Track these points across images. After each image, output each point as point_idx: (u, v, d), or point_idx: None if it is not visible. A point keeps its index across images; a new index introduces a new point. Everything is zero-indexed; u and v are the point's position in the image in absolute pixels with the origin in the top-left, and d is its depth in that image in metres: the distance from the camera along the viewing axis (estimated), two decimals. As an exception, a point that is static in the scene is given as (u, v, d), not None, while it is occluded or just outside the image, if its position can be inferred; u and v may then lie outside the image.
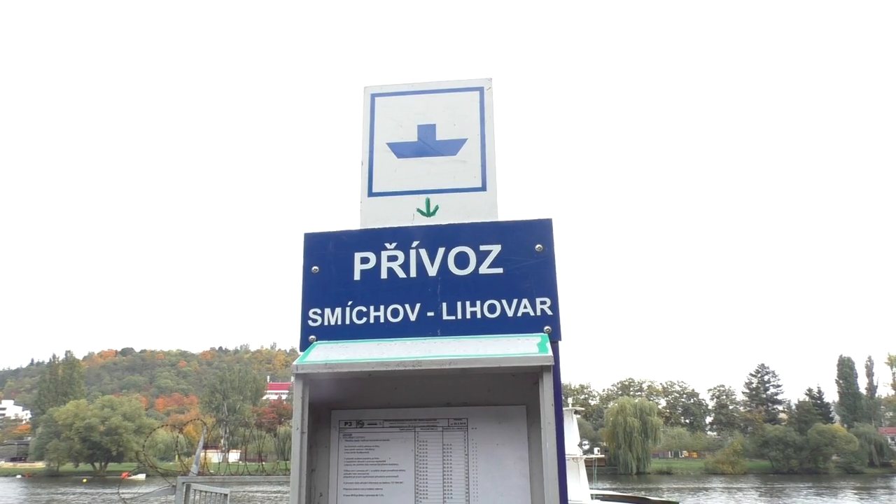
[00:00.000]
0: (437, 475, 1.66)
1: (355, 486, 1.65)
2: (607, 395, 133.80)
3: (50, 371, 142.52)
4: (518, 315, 1.88)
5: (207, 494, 7.98)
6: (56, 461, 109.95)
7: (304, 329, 1.95)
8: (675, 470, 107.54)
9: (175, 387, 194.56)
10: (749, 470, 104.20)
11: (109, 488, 66.15)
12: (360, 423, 1.73)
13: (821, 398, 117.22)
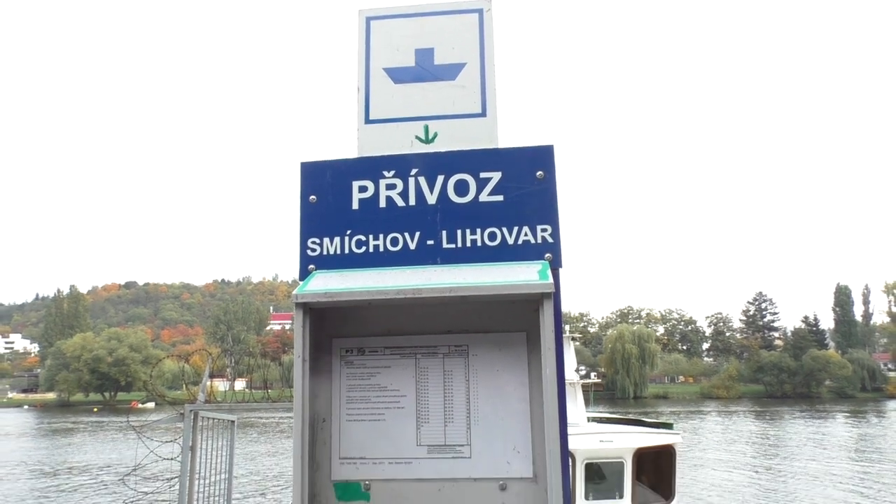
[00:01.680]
0: (438, 400, 1.68)
1: (357, 412, 1.67)
2: (606, 322, 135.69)
3: (55, 305, 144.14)
4: (518, 243, 1.87)
5: (215, 421, 8.16)
6: (66, 392, 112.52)
7: (303, 259, 1.94)
8: (671, 394, 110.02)
9: (179, 319, 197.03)
10: (743, 394, 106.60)
11: (120, 417, 67.89)
12: (360, 351, 1.74)
13: (816, 325, 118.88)
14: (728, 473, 31.89)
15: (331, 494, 1.62)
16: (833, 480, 29.59)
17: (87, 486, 31.57)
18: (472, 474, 1.61)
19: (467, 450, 1.63)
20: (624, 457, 10.44)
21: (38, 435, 61.26)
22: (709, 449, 41.12)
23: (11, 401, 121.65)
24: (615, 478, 10.50)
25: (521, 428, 1.64)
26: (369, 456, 1.64)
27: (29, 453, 45.93)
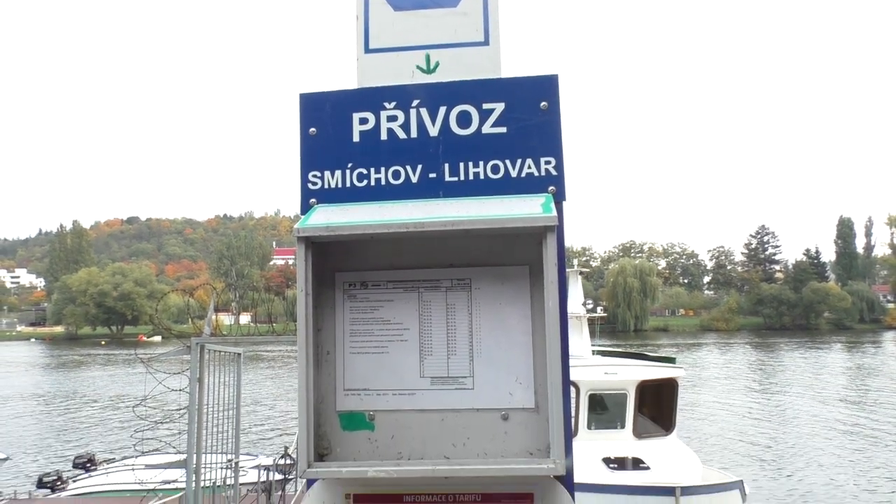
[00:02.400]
0: (441, 333, 1.68)
1: (361, 344, 1.68)
2: (608, 256, 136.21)
3: (59, 240, 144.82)
4: (522, 175, 1.84)
5: (221, 354, 8.27)
6: (74, 325, 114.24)
7: (304, 192, 1.92)
8: (672, 327, 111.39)
9: (183, 254, 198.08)
10: (742, 326, 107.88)
11: (127, 350, 69.05)
12: (363, 285, 1.73)
13: (818, 258, 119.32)
14: (725, 405, 32.58)
15: (336, 424, 1.65)
16: (829, 409, 30.22)
17: (98, 416, 32.39)
18: (474, 405, 1.63)
19: (470, 381, 1.64)
20: (627, 389, 10.64)
21: (49, 367, 62.44)
22: (708, 381, 41.88)
23: (21, 334, 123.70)
24: (618, 409, 10.73)
25: (523, 360, 1.65)
26: (373, 387, 1.65)
27: (41, 385, 46.96)
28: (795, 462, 20.64)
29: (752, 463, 20.63)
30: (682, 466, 9.80)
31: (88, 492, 15.67)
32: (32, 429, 29.52)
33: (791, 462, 20.70)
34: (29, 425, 30.42)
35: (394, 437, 1.65)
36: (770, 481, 18.45)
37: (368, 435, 1.66)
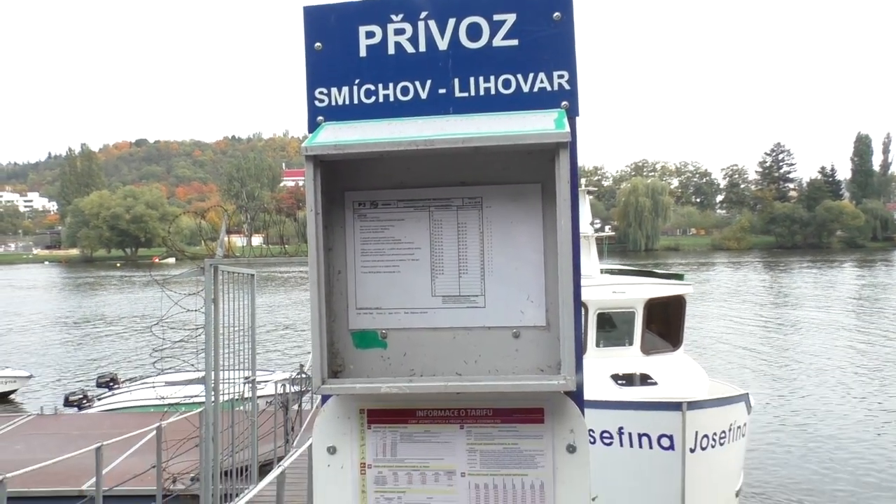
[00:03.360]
0: (452, 253, 1.67)
1: (372, 264, 1.68)
2: (620, 176, 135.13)
3: (69, 164, 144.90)
4: (534, 90, 1.78)
5: (235, 275, 8.36)
6: (89, 248, 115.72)
7: (310, 110, 1.88)
8: (682, 246, 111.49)
9: (193, 176, 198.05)
10: (754, 245, 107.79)
11: (142, 271, 70.07)
12: (373, 204, 1.71)
13: (833, 176, 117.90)
14: (734, 322, 32.92)
15: (349, 342, 1.66)
16: (838, 327, 30.49)
17: (117, 337, 33.18)
18: (485, 323, 1.64)
19: (481, 300, 1.64)
20: (635, 307, 10.73)
21: (67, 289, 63.58)
22: (717, 298, 42.19)
23: (37, 257, 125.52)
24: (626, 327, 10.86)
25: (534, 278, 1.64)
26: (385, 306, 1.66)
27: (60, 306, 47.96)
28: (802, 378, 21.00)
29: (758, 378, 21.01)
30: (689, 381, 9.99)
31: (113, 408, 16.23)
32: (54, 349, 30.33)
33: (797, 377, 21.07)
34: (51, 345, 31.25)
35: (406, 355, 1.67)
36: (776, 395, 18.84)
37: (381, 353, 1.68)
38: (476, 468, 1.60)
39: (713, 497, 8.71)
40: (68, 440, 12.23)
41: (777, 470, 12.86)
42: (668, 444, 8.03)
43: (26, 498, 9.00)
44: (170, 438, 7.96)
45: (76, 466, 9.19)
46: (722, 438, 8.35)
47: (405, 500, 1.62)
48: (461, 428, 1.62)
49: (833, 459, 13.33)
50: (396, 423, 1.64)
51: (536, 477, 1.59)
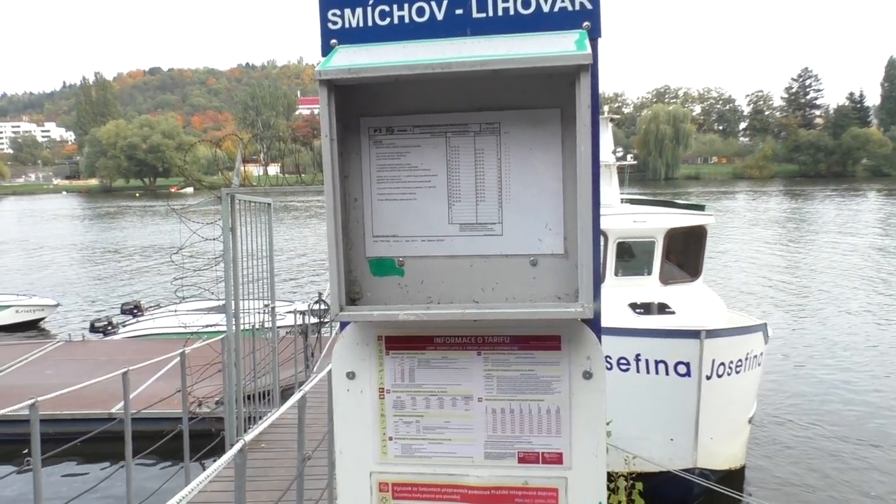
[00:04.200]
0: (469, 179, 1.64)
1: (389, 191, 1.65)
2: (641, 103, 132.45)
3: (83, 93, 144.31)
4: (554, 10, 1.71)
5: (252, 204, 8.38)
6: (108, 178, 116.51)
7: (323, 33, 1.82)
8: (703, 175, 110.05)
9: (208, 104, 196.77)
10: (776, 174, 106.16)
11: (160, 201, 70.61)
12: (389, 130, 1.68)
13: (861, 102, 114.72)
14: (754, 252, 32.74)
15: (366, 270, 1.66)
16: (859, 258, 30.23)
17: (138, 265, 33.71)
18: (503, 251, 1.62)
19: (499, 227, 1.62)
20: (655, 236, 10.67)
21: (88, 219, 64.33)
22: (737, 228, 41.87)
23: (57, 187, 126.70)
24: (645, 256, 10.82)
25: (553, 206, 1.62)
26: (401, 234, 1.65)
27: (82, 236, 48.64)
28: (821, 308, 20.97)
29: (777, 308, 21.03)
30: (707, 311, 10.01)
31: (138, 335, 16.64)
32: (78, 277, 30.92)
33: (817, 308, 21.04)
34: (75, 274, 31.85)
35: (423, 283, 1.67)
36: (794, 325, 18.88)
37: (398, 280, 1.67)
38: (493, 394, 1.62)
39: (727, 423, 8.85)
40: (96, 365, 12.61)
41: (791, 399, 13.01)
42: (684, 371, 8.12)
43: (59, 420, 9.35)
44: (193, 364, 8.17)
45: (105, 390, 9.49)
46: (738, 367, 8.43)
47: (423, 423, 1.65)
48: (478, 354, 1.63)
49: (850, 389, 13.43)
50: (414, 349, 1.65)
51: (553, 402, 1.60)
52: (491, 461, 1.62)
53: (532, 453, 1.61)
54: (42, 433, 4.71)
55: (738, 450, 9.33)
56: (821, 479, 9.62)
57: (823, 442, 10.91)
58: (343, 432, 1.68)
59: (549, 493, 1.60)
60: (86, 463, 10.08)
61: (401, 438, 1.65)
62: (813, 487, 9.40)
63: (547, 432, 1.61)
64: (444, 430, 1.64)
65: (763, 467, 10.06)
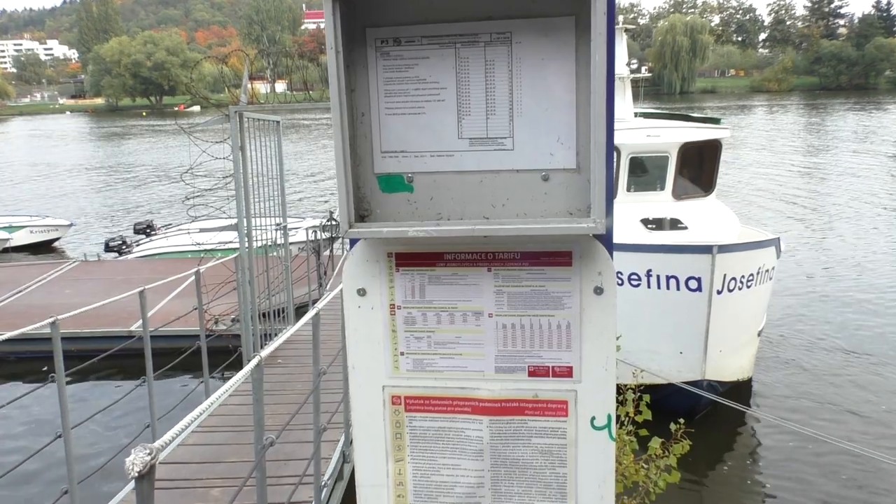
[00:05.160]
0: (479, 92, 1.59)
1: (396, 105, 1.61)
2: (657, 13, 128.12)
3: (84, 8, 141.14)
4: None
5: (260, 122, 8.30)
6: (114, 97, 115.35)
7: (326, -63, 1.73)
8: (720, 89, 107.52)
9: (212, 20, 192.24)
10: (795, 87, 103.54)
11: (168, 120, 70.06)
12: (396, 41, 1.62)
13: (888, 10, 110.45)
14: (769, 166, 32.32)
15: (375, 187, 1.64)
16: (877, 174, 29.79)
17: (149, 186, 33.78)
18: (514, 166, 1.59)
19: (510, 142, 1.58)
20: (669, 151, 10.51)
21: (96, 139, 64.09)
22: (753, 142, 41.20)
23: (63, 107, 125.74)
24: (658, 171, 10.69)
25: (566, 119, 1.57)
26: (410, 149, 1.61)
27: (91, 156, 48.60)
28: (837, 223, 20.84)
29: (791, 223, 20.93)
30: (719, 226, 9.96)
31: (152, 254, 16.84)
32: (90, 198, 31.08)
33: (832, 223, 20.91)
34: (87, 195, 32.00)
35: (433, 199, 1.64)
36: (807, 240, 18.83)
37: (407, 197, 1.65)
38: (503, 309, 1.62)
39: (736, 337, 8.96)
40: (112, 284, 12.82)
41: (801, 313, 13.11)
42: (695, 286, 8.16)
43: (79, 338, 9.59)
44: (208, 283, 8.28)
45: (123, 309, 9.68)
46: (749, 281, 8.45)
47: (434, 339, 1.66)
48: (489, 271, 1.62)
49: (861, 304, 13.49)
50: (424, 266, 1.65)
51: (563, 318, 1.60)
52: (502, 375, 1.64)
53: (542, 367, 1.62)
54: (64, 350, 4.83)
55: (745, 362, 9.48)
56: (827, 393, 9.80)
57: (831, 356, 11.06)
58: (355, 348, 1.70)
59: (559, 405, 1.62)
60: (108, 379, 10.42)
61: (412, 353, 1.67)
62: (819, 401, 9.58)
63: (557, 347, 1.62)
64: (455, 345, 1.65)
65: (769, 380, 10.24)
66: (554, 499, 1.65)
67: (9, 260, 17.96)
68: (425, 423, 1.68)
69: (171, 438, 2.46)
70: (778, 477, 7.88)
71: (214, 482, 5.54)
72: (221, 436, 6.49)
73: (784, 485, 7.69)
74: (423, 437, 1.68)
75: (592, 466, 1.63)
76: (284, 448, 5.44)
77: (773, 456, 8.33)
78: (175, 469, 5.79)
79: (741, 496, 7.71)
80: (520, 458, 1.65)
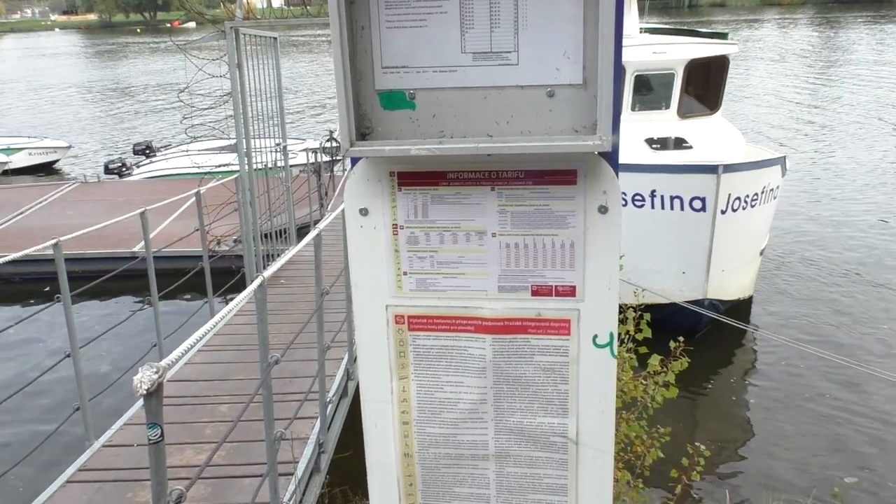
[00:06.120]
0: (483, 4, 1.53)
1: (397, 17, 1.55)
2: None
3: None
4: None
5: (257, 38, 8.09)
6: (106, 12, 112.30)
7: None
8: (729, 2, 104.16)
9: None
10: (808, 0, 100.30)
11: (163, 36, 68.30)
12: (397, -51, 1.54)
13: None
14: (778, 84, 31.66)
15: (376, 104, 1.59)
16: (889, 88, 29.18)
17: (146, 105, 33.28)
18: (518, 81, 1.54)
19: (514, 56, 1.53)
20: (675, 68, 10.26)
21: (90, 56, 62.72)
22: (762, 59, 40.24)
23: (55, 23, 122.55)
24: (664, 89, 10.47)
25: (572, 33, 1.51)
26: (412, 64, 1.56)
27: (86, 74, 47.69)
28: (846, 143, 20.53)
29: (798, 141, 20.67)
30: (724, 145, 9.84)
31: (152, 175, 16.75)
32: (87, 119, 30.69)
33: (842, 143, 20.61)
34: (83, 115, 31.58)
35: (435, 116, 1.60)
36: (815, 160, 18.63)
37: (409, 114, 1.61)
38: (507, 229, 1.61)
39: (739, 256, 9.00)
40: (113, 206, 12.82)
41: (804, 232, 13.11)
42: (699, 206, 8.13)
43: (83, 259, 9.66)
44: (209, 204, 8.25)
45: (125, 230, 9.71)
46: (754, 201, 8.42)
47: (437, 258, 1.65)
48: (492, 190, 1.60)
49: (865, 227, 13.47)
50: (427, 185, 1.63)
51: (567, 237, 1.59)
52: (505, 294, 1.64)
53: (545, 286, 1.62)
54: (67, 271, 4.86)
55: (746, 281, 9.55)
56: (826, 312, 9.91)
57: (832, 276, 11.13)
58: (358, 268, 1.70)
59: (562, 324, 1.63)
60: (112, 300, 10.54)
61: (415, 273, 1.67)
62: (818, 319, 9.70)
63: (561, 266, 1.61)
64: (458, 264, 1.65)
65: (770, 298, 10.35)
66: (555, 414, 1.68)
67: (8, 182, 17.90)
68: (429, 341, 1.69)
69: (177, 357, 2.50)
70: (774, 391, 8.08)
71: (222, 399, 5.69)
72: (227, 354, 6.62)
73: (780, 398, 7.89)
74: (426, 356, 1.70)
75: (594, 383, 1.66)
76: (289, 366, 5.55)
77: (770, 372, 8.52)
78: (184, 386, 5.93)
79: (738, 410, 7.92)
80: (522, 375, 1.67)
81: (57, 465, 5.05)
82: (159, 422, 2.20)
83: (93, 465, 4.78)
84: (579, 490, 1.72)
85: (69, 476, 4.63)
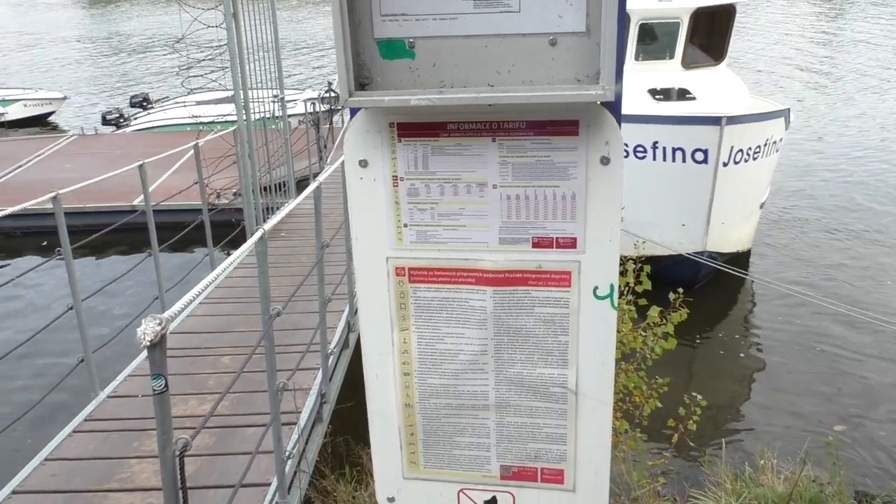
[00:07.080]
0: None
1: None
2: None
3: None
4: None
5: (252, -12, 7.91)
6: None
7: None
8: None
9: None
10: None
11: (159, -14, 66.81)
12: None
13: None
14: (785, 35, 31.11)
15: (375, 53, 1.56)
16: (892, 42, 28.68)
17: (141, 56, 32.78)
18: (520, 29, 1.51)
19: (515, 3, 1.49)
20: (681, 17, 10.07)
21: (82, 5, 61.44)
22: (768, 7, 39.45)
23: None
24: (668, 39, 10.28)
25: (575, -23, 1.47)
26: (411, 12, 1.52)
27: (77, 25, 46.82)
28: (854, 95, 20.25)
29: (803, 93, 20.41)
30: (728, 97, 9.72)
31: (149, 127, 16.60)
32: (82, 70, 30.25)
33: (849, 95, 20.33)
34: (78, 67, 31.13)
35: (435, 66, 1.57)
36: (819, 111, 18.42)
37: (409, 63, 1.58)
38: (508, 180, 1.60)
39: (739, 208, 8.98)
40: (111, 159, 12.73)
41: (805, 185, 13.05)
42: (701, 158, 8.07)
43: (82, 213, 9.63)
44: (208, 156, 8.19)
45: (125, 183, 9.63)
46: (756, 153, 8.36)
47: (438, 210, 1.64)
48: (493, 141, 1.58)
49: (867, 173, 13.40)
50: (427, 136, 1.60)
51: (568, 188, 1.58)
52: (505, 246, 1.64)
53: (546, 238, 1.62)
54: (67, 225, 4.84)
55: (746, 234, 9.55)
56: (824, 264, 9.93)
57: (832, 229, 11.12)
58: (358, 220, 1.69)
59: (562, 276, 1.63)
60: (112, 254, 10.56)
61: (416, 225, 1.66)
62: (815, 271, 9.73)
63: (562, 217, 1.60)
64: (458, 216, 1.64)
65: (769, 251, 10.36)
66: (555, 365, 1.70)
67: (5, 135, 17.75)
68: (429, 293, 1.69)
69: (180, 309, 2.50)
70: (771, 341, 8.16)
71: (224, 350, 5.74)
72: (229, 307, 6.65)
73: (776, 349, 7.97)
74: (427, 308, 1.70)
75: (594, 334, 1.67)
76: (291, 318, 5.58)
77: (767, 323, 8.58)
78: (186, 338, 5.97)
79: (735, 360, 8.00)
80: (522, 326, 1.67)
81: (63, 416, 5.12)
82: (163, 373, 2.22)
83: (99, 416, 4.85)
84: (578, 439, 1.75)
85: (76, 426, 4.70)
